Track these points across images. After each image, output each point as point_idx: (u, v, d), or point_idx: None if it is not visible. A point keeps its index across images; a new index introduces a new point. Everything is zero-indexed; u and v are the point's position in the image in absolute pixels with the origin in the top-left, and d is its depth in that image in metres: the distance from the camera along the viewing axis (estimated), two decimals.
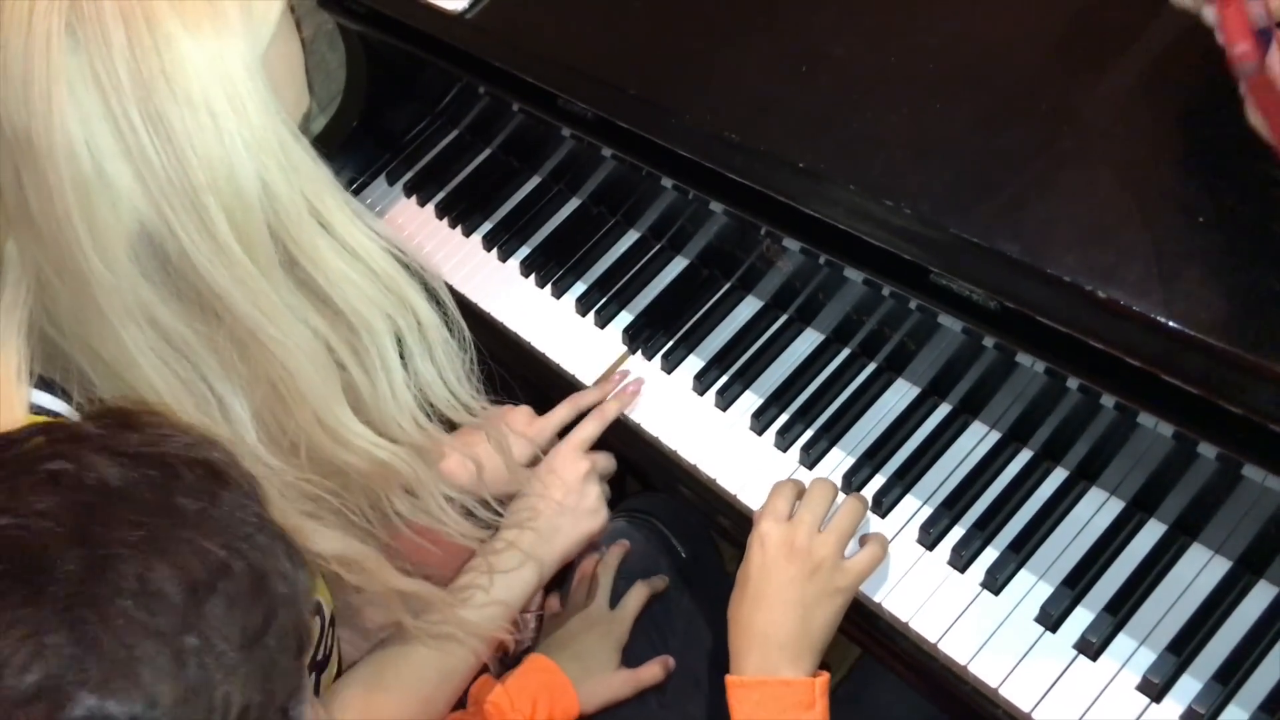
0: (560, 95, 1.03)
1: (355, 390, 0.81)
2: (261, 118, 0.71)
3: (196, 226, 0.70)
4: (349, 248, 0.77)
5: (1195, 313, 0.64)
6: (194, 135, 0.68)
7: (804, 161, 0.82)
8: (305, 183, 0.74)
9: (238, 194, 0.70)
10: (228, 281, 0.72)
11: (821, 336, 1.09)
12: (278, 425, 0.78)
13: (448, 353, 0.84)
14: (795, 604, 0.89)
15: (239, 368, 0.76)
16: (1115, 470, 0.90)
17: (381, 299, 0.79)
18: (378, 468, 0.82)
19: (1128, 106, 0.72)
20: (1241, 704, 0.81)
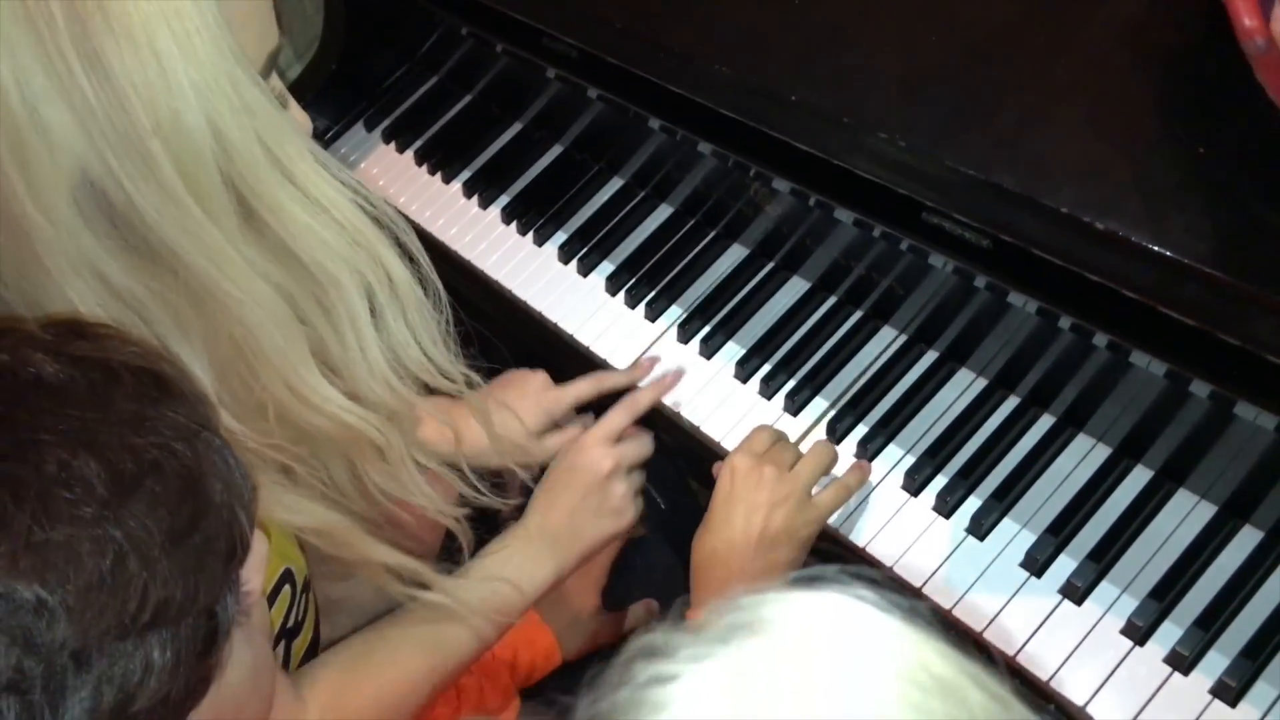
0: (546, 32, 1.01)
1: (324, 351, 0.76)
2: (212, 56, 0.65)
3: (142, 173, 0.64)
4: (313, 198, 0.71)
5: (1194, 244, 0.63)
6: (135, 75, 0.63)
7: (796, 95, 0.80)
8: (262, 128, 0.68)
9: (185, 139, 0.65)
10: (178, 232, 0.67)
11: (808, 284, 1.08)
12: (243, 387, 0.73)
13: (422, 312, 0.78)
14: (759, 533, 0.87)
15: (196, 326, 0.71)
16: (1103, 416, 0.90)
17: (349, 254, 0.74)
18: (348, 433, 0.77)
19: (1127, 37, 0.71)
20: (1223, 649, 0.81)
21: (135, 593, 0.46)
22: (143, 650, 0.47)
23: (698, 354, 1.09)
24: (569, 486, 0.97)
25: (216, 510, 0.51)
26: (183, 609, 0.48)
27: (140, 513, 0.48)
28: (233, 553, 0.52)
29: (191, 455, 0.51)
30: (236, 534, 0.53)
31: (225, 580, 0.52)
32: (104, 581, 0.45)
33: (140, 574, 0.47)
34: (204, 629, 0.50)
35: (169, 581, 0.48)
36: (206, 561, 0.50)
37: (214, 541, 0.51)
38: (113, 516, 0.47)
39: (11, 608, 0.43)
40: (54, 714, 0.44)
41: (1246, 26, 0.53)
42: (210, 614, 0.51)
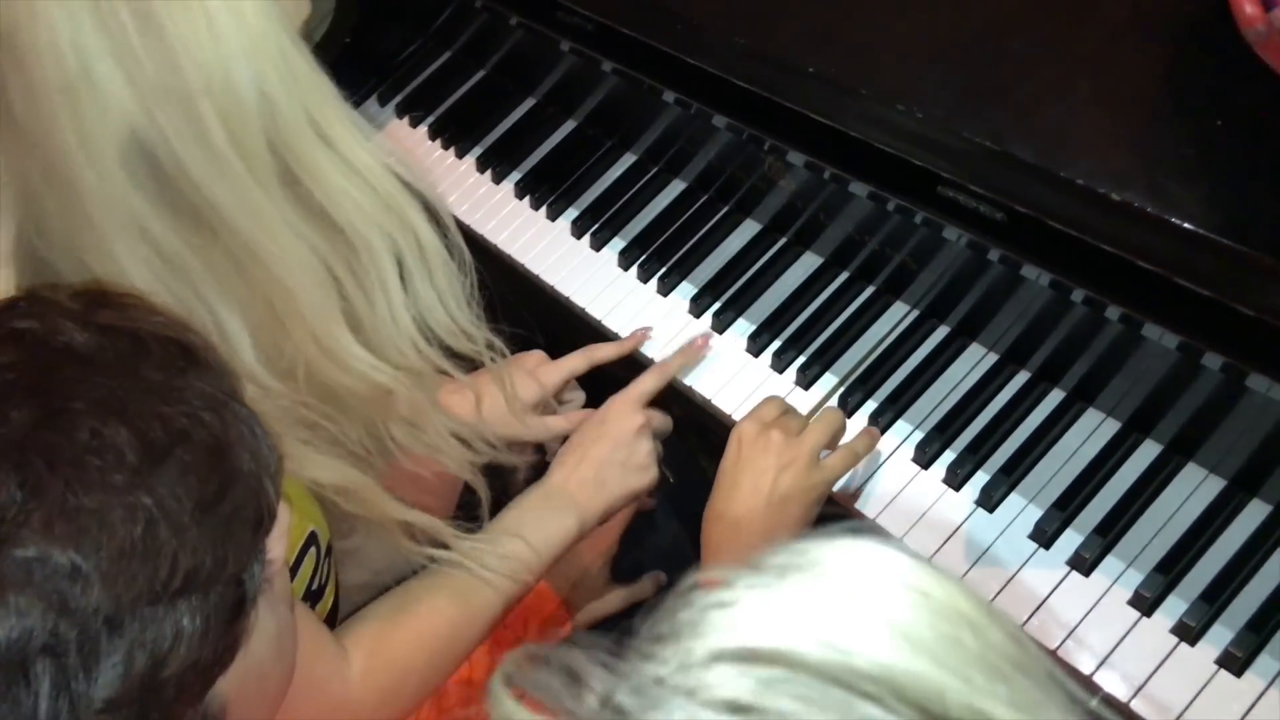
0: (561, 4, 1.01)
1: (353, 312, 0.78)
2: (260, 21, 0.68)
3: (190, 133, 0.67)
4: (349, 163, 0.74)
5: (1209, 214, 0.64)
6: (187, 37, 0.65)
7: (814, 67, 0.81)
8: (305, 93, 0.71)
9: (234, 100, 0.67)
10: (224, 192, 0.69)
11: (820, 259, 1.09)
12: (275, 346, 0.76)
13: (448, 276, 0.80)
14: (769, 495, 0.89)
15: (235, 285, 0.73)
16: (1113, 390, 0.90)
17: (382, 217, 0.76)
18: (376, 392, 0.80)
19: (1144, 10, 0.72)
20: (1229, 621, 0.82)
21: (166, 560, 0.47)
22: (173, 616, 0.47)
23: (710, 328, 1.09)
24: (599, 440, 0.99)
25: (244, 479, 0.52)
26: (212, 576, 0.49)
27: (170, 481, 0.48)
28: (260, 522, 0.53)
29: (219, 425, 0.51)
30: (264, 503, 0.53)
31: (252, 549, 0.52)
32: (136, 548, 0.46)
33: (171, 541, 0.47)
34: (232, 596, 0.51)
35: (199, 549, 0.48)
36: (235, 530, 0.51)
37: (242, 510, 0.51)
38: (143, 484, 0.47)
39: (47, 572, 0.44)
40: (87, 677, 0.44)
41: (1247, 14, 0.54)
42: (238, 582, 0.51)
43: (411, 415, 0.84)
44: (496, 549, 0.90)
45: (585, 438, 1.00)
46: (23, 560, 0.44)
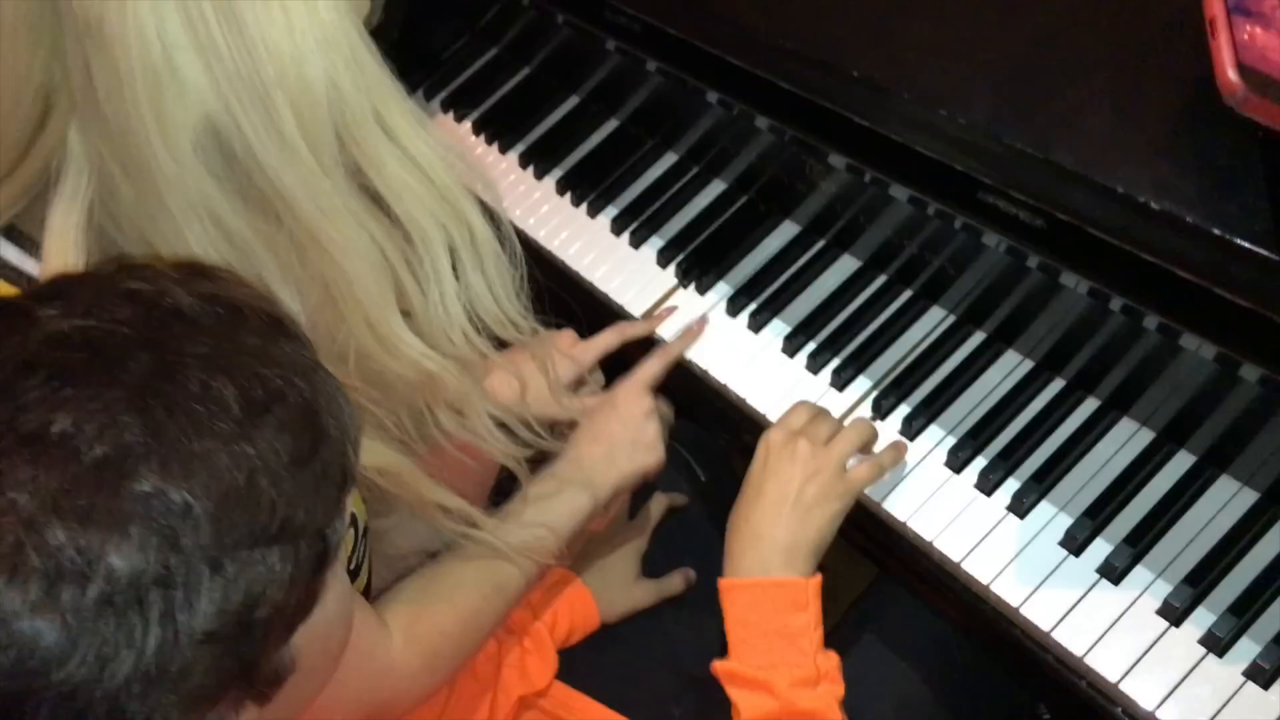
0: (608, 3, 1.03)
1: (406, 300, 0.81)
2: (332, 16, 0.70)
3: (264, 122, 0.69)
4: (410, 156, 0.76)
5: (1249, 225, 0.64)
6: (265, 29, 0.68)
7: (859, 70, 0.81)
8: (372, 86, 0.73)
9: (306, 91, 0.70)
10: (292, 180, 0.71)
11: (858, 263, 1.10)
12: (329, 331, 0.78)
13: (499, 267, 0.83)
14: (793, 504, 0.90)
15: (296, 270, 0.75)
16: (1149, 400, 0.90)
17: (438, 209, 0.78)
18: (425, 379, 0.82)
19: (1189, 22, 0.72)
20: (1259, 633, 0.82)
21: (265, 507, 0.50)
22: (267, 561, 0.50)
23: (746, 328, 1.10)
24: (609, 420, 1.03)
25: (331, 441, 0.55)
26: (303, 527, 0.52)
27: (269, 435, 0.51)
28: (344, 482, 0.56)
29: (309, 389, 0.54)
30: (347, 465, 0.56)
31: (337, 506, 0.56)
32: (240, 494, 0.49)
33: (269, 490, 0.50)
34: (317, 549, 0.54)
35: (292, 500, 0.51)
36: (323, 487, 0.54)
37: (329, 469, 0.54)
38: (246, 436, 0.50)
39: (163, 509, 0.47)
40: (190, 610, 0.47)
41: (1227, 81, 0.55)
42: (323, 536, 0.54)
43: (458, 402, 0.86)
44: (521, 530, 0.93)
45: (597, 419, 1.04)
46: (142, 495, 0.47)
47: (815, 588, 0.89)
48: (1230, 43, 0.57)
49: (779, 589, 0.89)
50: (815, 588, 0.89)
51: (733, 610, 0.90)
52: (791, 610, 0.88)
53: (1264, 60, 0.57)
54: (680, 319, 1.12)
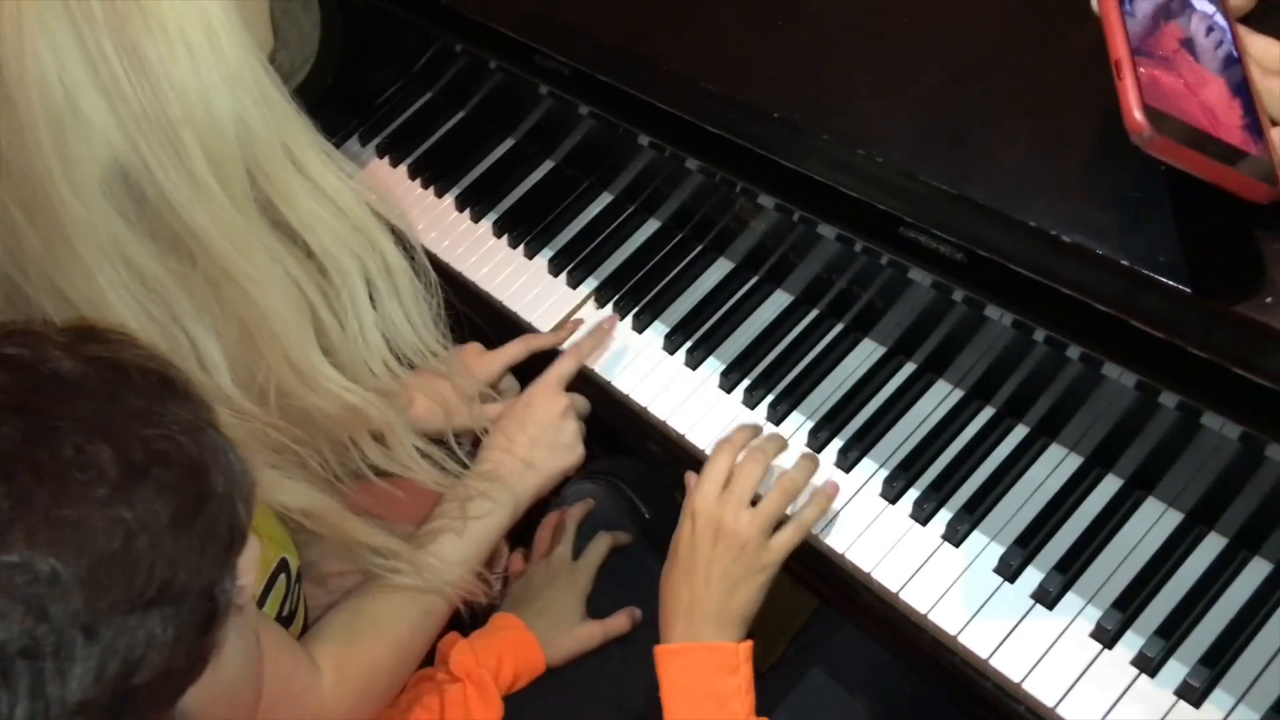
0: (539, 49, 1.04)
1: (325, 334, 0.81)
2: (237, 52, 0.71)
3: (173, 161, 0.69)
4: (321, 188, 0.77)
5: (1158, 257, 0.66)
6: (170, 68, 0.68)
7: (780, 112, 0.83)
8: (280, 120, 0.74)
9: (214, 128, 0.70)
10: (204, 218, 0.71)
11: (791, 298, 1.11)
12: (248, 369, 0.78)
13: (415, 296, 0.84)
14: (719, 580, 0.92)
15: (212, 309, 0.75)
16: (1075, 426, 0.92)
17: (352, 240, 0.79)
18: (347, 412, 0.82)
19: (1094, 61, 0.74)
20: (1188, 652, 0.84)
21: (143, 570, 0.49)
22: (147, 625, 0.49)
23: (684, 364, 1.11)
24: (527, 423, 1.04)
25: (218, 499, 0.54)
26: (185, 588, 0.51)
27: (148, 497, 0.51)
28: (232, 540, 0.56)
29: (196, 448, 0.54)
30: (236, 523, 0.56)
31: (224, 565, 0.55)
32: (114, 558, 0.48)
33: (148, 553, 0.50)
34: (203, 609, 0.53)
35: (173, 561, 0.51)
36: (208, 546, 0.53)
37: (216, 527, 0.54)
38: (123, 499, 0.49)
39: (29, 578, 0.46)
40: (62, 680, 0.46)
41: (1134, 121, 0.57)
42: (210, 596, 0.54)
43: (381, 435, 0.86)
44: (447, 565, 0.94)
45: (513, 422, 1.04)
46: (5, 565, 0.46)
47: (745, 652, 0.91)
48: (1135, 84, 0.58)
49: (710, 653, 0.91)
50: (745, 652, 0.91)
51: (667, 674, 0.92)
52: (722, 674, 0.91)
53: (1167, 102, 0.59)
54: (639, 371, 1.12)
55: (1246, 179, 0.59)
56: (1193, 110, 0.59)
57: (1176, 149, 0.58)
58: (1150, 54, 0.60)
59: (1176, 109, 0.59)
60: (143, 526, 0.50)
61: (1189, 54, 0.62)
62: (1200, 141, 0.58)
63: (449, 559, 0.96)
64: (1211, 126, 0.59)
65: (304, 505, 0.81)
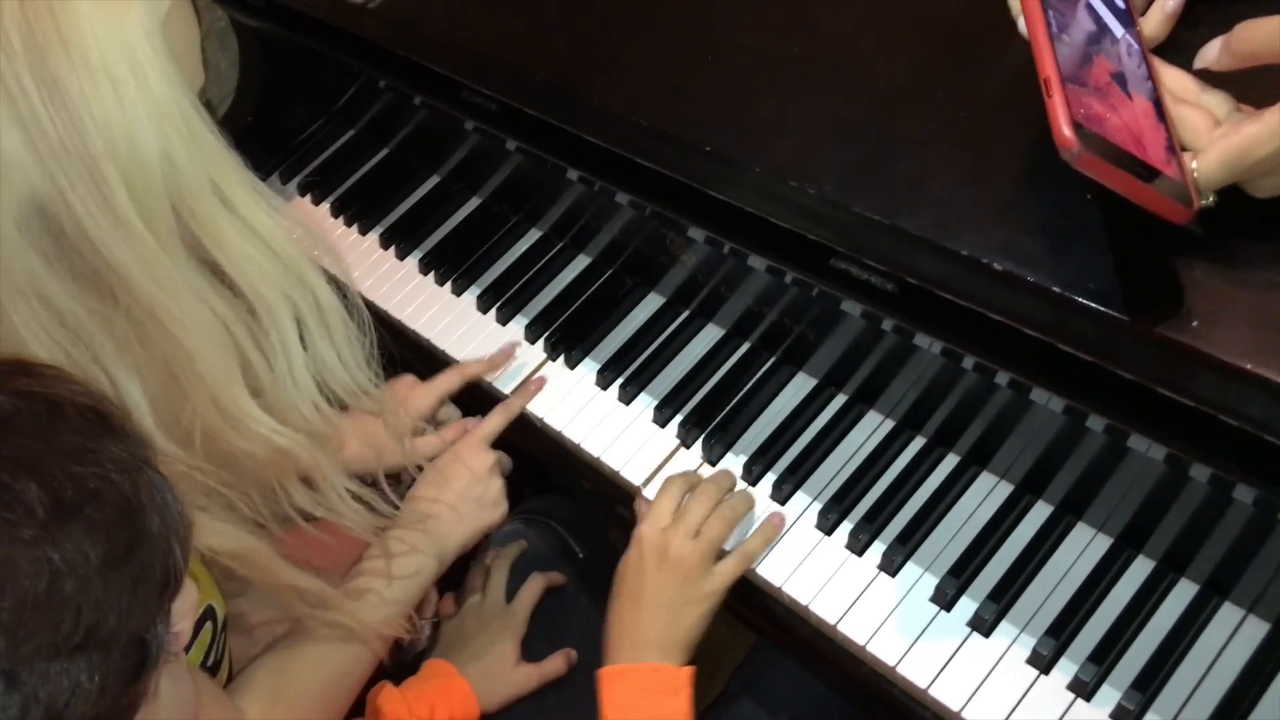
0: (466, 84, 1.03)
1: (254, 375, 0.78)
2: (163, 87, 0.69)
3: (94, 198, 0.67)
4: (250, 227, 0.75)
5: (1085, 282, 0.67)
6: (92, 102, 0.66)
7: (712, 146, 0.83)
8: (208, 157, 0.72)
9: (139, 164, 0.68)
10: (126, 255, 0.69)
11: (723, 331, 1.11)
12: (172, 412, 0.76)
13: (348, 335, 0.82)
14: (665, 606, 0.93)
15: (135, 350, 0.73)
16: (1005, 454, 0.93)
17: (282, 279, 0.77)
18: (276, 455, 0.80)
19: (1018, 93, 0.76)
20: (1123, 674, 0.85)
21: (69, 614, 0.47)
22: (72, 671, 0.47)
23: (617, 400, 1.11)
24: (452, 479, 1.04)
25: (153, 541, 0.52)
26: (114, 634, 0.49)
27: (78, 538, 0.48)
28: (166, 583, 0.53)
29: (130, 487, 0.52)
30: (171, 565, 0.54)
31: (157, 609, 0.53)
32: (39, 600, 0.46)
33: (75, 596, 0.47)
34: (133, 656, 0.51)
35: (102, 605, 0.49)
36: (140, 589, 0.51)
37: (148, 570, 0.52)
38: (51, 539, 0.47)
39: None
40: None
41: (1063, 137, 0.59)
42: (141, 642, 0.51)
43: (311, 478, 0.84)
44: (374, 610, 0.93)
45: (439, 477, 1.04)
46: None
47: (688, 676, 0.92)
48: (1065, 102, 0.59)
49: (653, 674, 0.91)
50: (688, 676, 0.92)
51: (609, 695, 0.92)
52: (665, 695, 0.91)
53: (1095, 123, 0.60)
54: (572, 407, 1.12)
55: (1167, 199, 0.61)
56: (1118, 132, 0.60)
57: (1103, 166, 0.59)
58: (1082, 83, 0.62)
59: (1103, 129, 0.60)
60: (70, 568, 0.48)
61: (1119, 85, 0.64)
62: (1125, 161, 0.60)
63: (376, 607, 0.94)
64: (1136, 149, 0.60)
65: (232, 548, 0.78)
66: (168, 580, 0.53)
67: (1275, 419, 0.63)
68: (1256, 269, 0.64)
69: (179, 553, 0.54)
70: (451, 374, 1.13)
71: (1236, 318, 0.63)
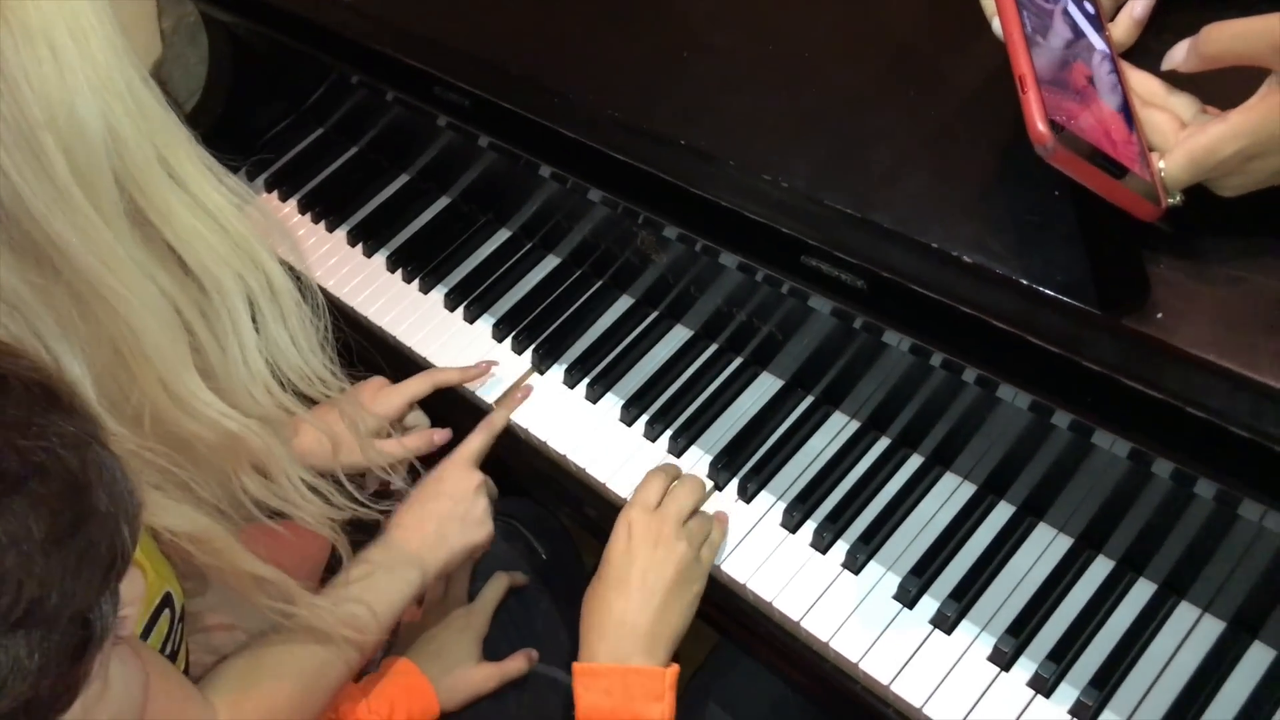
0: (440, 78, 1.03)
1: (204, 356, 0.76)
2: (108, 56, 0.66)
3: (32, 166, 0.64)
4: (200, 203, 0.73)
5: (1053, 275, 0.68)
6: (29, 68, 0.63)
7: (686, 140, 0.84)
8: (155, 131, 0.69)
9: (79, 135, 0.65)
10: (67, 229, 0.66)
11: (690, 332, 1.12)
12: (119, 391, 0.73)
13: (302, 319, 0.80)
14: (655, 591, 0.91)
15: (78, 326, 0.70)
16: (969, 454, 0.95)
17: (233, 258, 0.75)
18: (227, 440, 0.78)
19: (990, 90, 0.78)
20: (1082, 670, 0.86)
21: (9, 588, 0.46)
22: (11, 649, 0.46)
23: (584, 399, 1.11)
24: (437, 497, 1.01)
25: (100, 519, 0.51)
26: (57, 611, 0.48)
27: (22, 511, 0.47)
28: (113, 563, 0.52)
29: (78, 464, 0.51)
30: (118, 545, 0.52)
31: (103, 588, 0.51)
32: None
33: (15, 570, 0.46)
34: (76, 635, 0.49)
35: (45, 581, 0.47)
36: (85, 567, 0.49)
37: (95, 548, 0.50)
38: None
39: None
40: None
41: (1037, 132, 0.60)
42: (85, 621, 0.50)
43: (264, 465, 0.82)
44: (340, 606, 0.89)
45: (424, 495, 1.02)
46: None
47: (672, 678, 0.89)
48: (1039, 98, 0.61)
49: (637, 677, 0.88)
50: (672, 678, 0.89)
51: (586, 696, 0.89)
52: (647, 700, 0.88)
53: (1068, 121, 0.61)
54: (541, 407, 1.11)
55: (1137, 196, 0.62)
56: (1092, 131, 0.62)
57: (1077, 162, 0.60)
58: (1055, 83, 0.63)
59: (1076, 127, 0.61)
60: (13, 541, 0.46)
61: (1093, 87, 0.65)
62: (1097, 158, 0.61)
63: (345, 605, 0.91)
64: (1109, 147, 0.62)
65: (190, 530, 0.76)
66: (114, 559, 0.52)
67: (1235, 410, 0.64)
68: (1220, 265, 0.66)
69: (127, 532, 0.53)
70: (422, 379, 1.12)
71: (1201, 311, 0.65)
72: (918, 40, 0.84)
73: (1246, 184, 0.63)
